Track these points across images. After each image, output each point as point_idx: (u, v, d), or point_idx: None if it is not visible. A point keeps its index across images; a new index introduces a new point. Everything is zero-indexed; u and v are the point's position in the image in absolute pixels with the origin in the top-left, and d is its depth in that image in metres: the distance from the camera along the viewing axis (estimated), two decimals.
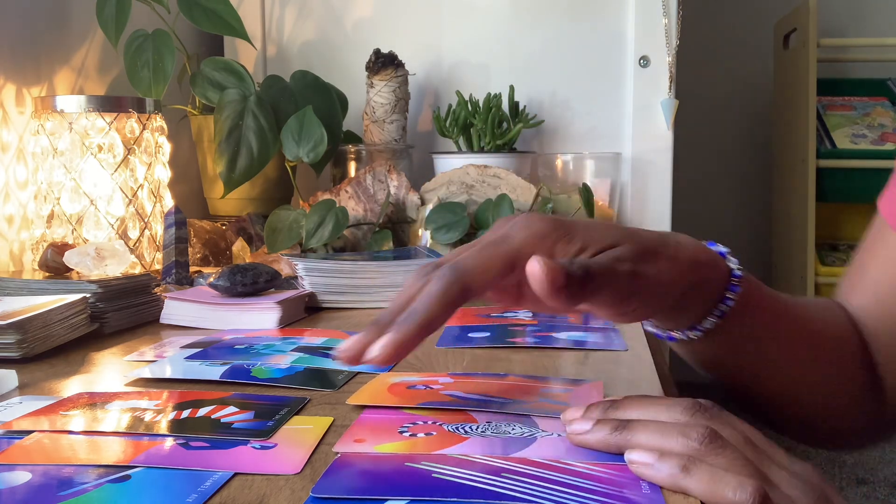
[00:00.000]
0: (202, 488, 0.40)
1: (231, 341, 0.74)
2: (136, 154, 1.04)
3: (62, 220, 1.01)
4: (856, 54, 2.46)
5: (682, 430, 0.42)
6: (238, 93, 1.20)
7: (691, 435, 0.42)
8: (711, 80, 2.57)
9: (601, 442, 0.44)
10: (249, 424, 0.50)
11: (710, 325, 0.53)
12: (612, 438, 0.44)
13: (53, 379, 0.63)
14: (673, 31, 1.42)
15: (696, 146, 2.53)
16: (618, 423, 0.45)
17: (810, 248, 2.14)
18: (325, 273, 0.93)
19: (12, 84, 1.06)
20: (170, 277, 0.97)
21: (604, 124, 1.48)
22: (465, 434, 0.47)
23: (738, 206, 2.66)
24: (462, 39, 1.50)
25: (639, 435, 0.43)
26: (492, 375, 0.62)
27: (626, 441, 0.44)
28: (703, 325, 0.53)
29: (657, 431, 0.43)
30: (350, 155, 1.32)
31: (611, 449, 0.44)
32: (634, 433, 0.44)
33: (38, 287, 0.82)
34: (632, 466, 0.42)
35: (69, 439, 0.47)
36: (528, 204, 1.15)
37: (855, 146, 2.21)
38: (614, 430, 0.44)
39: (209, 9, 1.23)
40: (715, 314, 0.53)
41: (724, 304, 0.53)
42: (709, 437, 0.41)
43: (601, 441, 0.44)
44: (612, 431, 0.44)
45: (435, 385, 0.58)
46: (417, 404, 0.53)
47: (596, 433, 0.45)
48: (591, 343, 0.73)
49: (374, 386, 0.58)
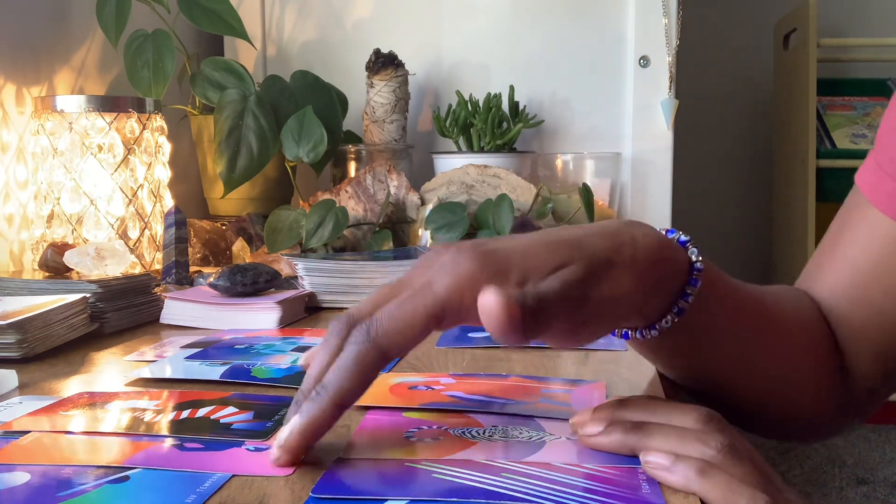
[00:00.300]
0: (201, 489, 0.40)
1: (231, 341, 0.74)
2: (136, 154, 1.04)
3: (62, 220, 1.01)
4: (856, 54, 2.46)
5: (700, 437, 0.42)
6: (238, 93, 1.20)
7: (710, 443, 0.42)
8: (711, 80, 2.57)
9: (616, 443, 0.44)
10: (249, 425, 0.50)
11: (668, 323, 0.49)
12: (627, 440, 0.44)
13: (53, 379, 0.63)
14: (673, 31, 1.42)
15: (696, 146, 2.53)
16: (632, 425, 0.44)
17: (810, 248, 2.14)
18: (325, 273, 0.93)
19: (12, 84, 1.06)
20: (170, 277, 0.97)
21: (604, 124, 1.48)
22: (472, 438, 0.47)
23: (738, 206, 2.66)
24: (462, 39, 1.50)
25: (655, 438, 0.43)
26: (493, 376, 0.62)
27: (641, 443, 0.43)
28: (660, 325, 0.49)
29: (674, 435, 0.43)
30: (350, 155, 1.32)
31: (625, 451, 0.44)
32: (650, 436, 0.43)
33: (38, 287, 0.82)
34: (647, 467, 0.42)
35: (68, 439, 0.47)
36: (528, 204, 1.15)
37: (855, 146, 2.22)
38: (628, 432, 0.44)
39: (209, 9, 1.23)
40: (673, 311, 0.49)
41: (684, 301, 0.49)
42: (728, 446, 0.41)
43: (616, 443, 0.44)
44: (626, 433, 0.44)
45: (436, 386, 0.58)
46: (419, 405, 0.53)
47: (610, 435, 0.44)
48: (591, 343, 0.73)
49: (375, 387, 0.58)
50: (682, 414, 0.44)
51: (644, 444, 0.43)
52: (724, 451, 0.41)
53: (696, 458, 0.41)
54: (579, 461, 0.44)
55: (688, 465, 0.40)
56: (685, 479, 0.40)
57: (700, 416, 0.44)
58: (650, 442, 0.43)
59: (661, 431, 0.43)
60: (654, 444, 0.43)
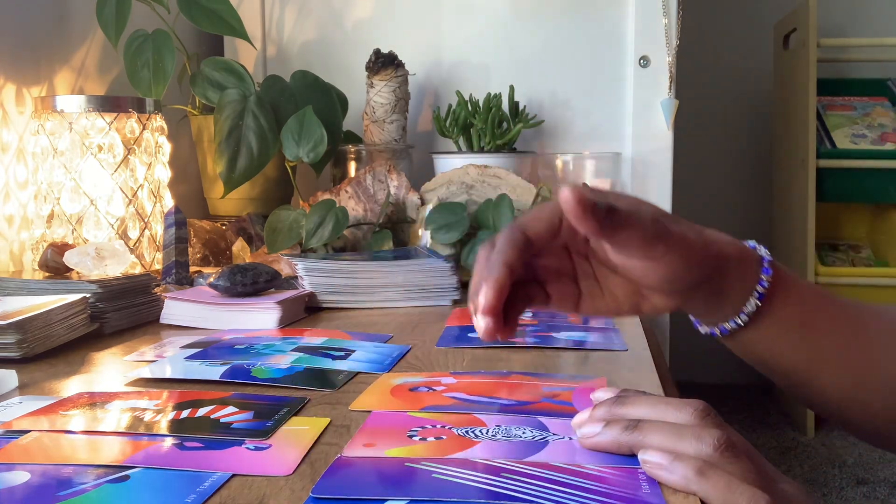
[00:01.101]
0: (201, 488, 0.40)
1: (231, 341, 0.74)
2: (136, 154, 1.04)
3: (62, 220, 1.01)
4: (856, 54, 2.46)
5: (697, 434, 0.42)
6: (238, 93, 1.20)
7: (706, 440, 0.42)
8: (711, 80, 2.57)
9: (613, 442, 0.44)
10: (248, 424, 0.50)
11: (753, 307, 0.54)
12: (624, 438, 0.44)
13: (53, 379, 0.63)
14: (673, 31, 1.42)
15: (696, 146, 2.53)
16: (628, 423, 0.44)
17: (810, 248, 2.14)
18: (325, 273, 0.93)
19: (12, 84, 1.06)
20: (170, 277, 0.97)
21: (604, 124, 1.48)
22: (475, 438, 0.47)
23: (738, 206, 2.66)
24: (462, 39, 1.50)
25: (652, 436, 0.43)
26: (495, 374, 0.62)
27: (638, 441, 0.43)
28: (745, 310, 0.54)
29: (671, 433, 0.43)
30: (350, 155, 1.32)
31: (622, 450, 0.44)
32: (647, 434, 0.43)
33: (38, 287, 0.82)
34: (645, 466, 0.42)
35: (68, 439, 0.47)
36: (528, 204, 1.15)
37: (855, 146, 2.21)
38: (625, 430, 0.44)
39: (209, 9, 1.23)
40: (754, 296, 0.53)
41: (760, 286, 0.53)
42: (725, 443, 0.41)
43: (613, 442, 0.44)
44: (623, 431, 0.44)
45: (438, 387, 0.58)
46: (420, 409, 0.53)
47: (607, 434, 0.45)
48: (591, 343, 0.73)
49: (376, 389, 0.58)
50: (678, 410, 0.45)
51: (640, 443, 0.43)
52: (722, 448, 0.41)
53: (693, 458, 0.41)
54: (579, 461, 0.44)
55: (686, 464, 0.40)
56: (684, 479, 0.40)
57: (696, 411, 0.44)
58: (647, 440, 0.43)
59: (657, 429, 0.43)
60: (652, 441, 0.43)
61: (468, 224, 1.06)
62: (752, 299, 0.53)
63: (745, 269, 0.53)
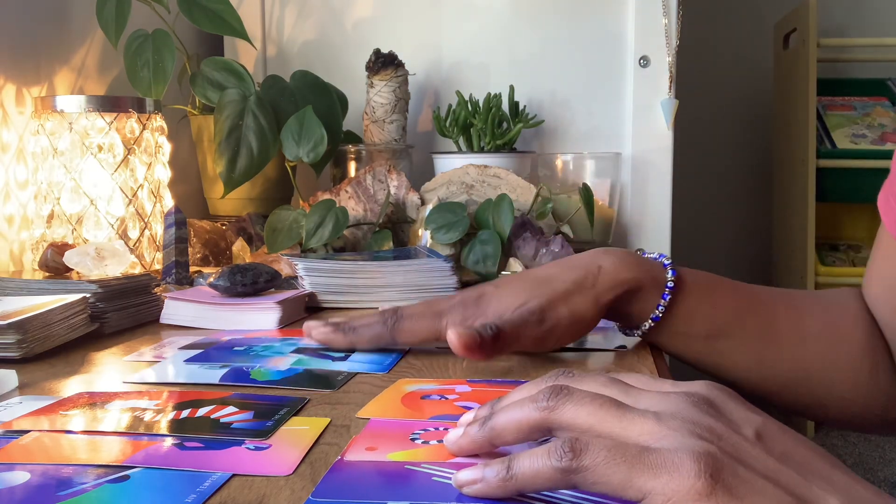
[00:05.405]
0: (201, 488, 0.40)
1: (230, 342, 0.74)
2: (136, 154, 1.04)
3: (62, 220, 1.01)
4: (856, 54, 2.46)
5: (533, 396, 0.39)
6: (238, 93, 1.20)
7: (538, 397, 0.39)
8: (711, 80, 2.57)
9: (473, 444, 0.42)
10: (248, 424, 0.50)
11: (647, 328, 0.65)
12: (479, 436, 0.41)
13: (53, 379, 0.63)
14: (673, 31, 1.42)
15: (696, 146, 2.53)
16: (483, 417, 0.41)
17: (810, 248, 2.14)
18: (325, 273, 0.93)
19: (12, 84, 1.06)
20: (170, 277, 0.97)
21: (604, 124, 1.47)
22: None
23: (737, 206, 2.66)
24: (462, 39, 1.50)
25: (497, 417, 0.40)
26: (511, 382, 0.61)
27: (491, 432, 0.41)
28: (642, 328, 0.65)
29: (512, 406, 0.40)
30: (350, 155, 1.32)
31: (484, 448, 0.42)
32: (494, 418, 0.41)
33: (38, 287, 0.82)
34: (464, 491, 0.38)
35: (68, 439, 0.47)
36: (528, 204, 1.15)
37: (855, 146, 2.21)
38: (480, 427, 0.41)
39: (209, 9, 1.23)
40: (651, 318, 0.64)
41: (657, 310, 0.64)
42: (551, 390, 0.39)
43: (472, 443, 0.42)
44: (479, 428, 0.41)
45: (450, 395, 0.57)
46: (429, 418, 0.52)
47: (466, 436, 0.42)
48: (591, 343, 0.73)
49: (386, 396, 0.57)
50: (534, 384, 0.43)
51: (493, 432, 0.40)
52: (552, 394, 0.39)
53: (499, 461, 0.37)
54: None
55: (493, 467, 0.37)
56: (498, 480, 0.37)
57: (542, 380, 0.43)
58: (495, 424, 0.40)
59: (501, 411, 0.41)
60: (496, 422, 0.40)
61: (468, 224, 1.06)
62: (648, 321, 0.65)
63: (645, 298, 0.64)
